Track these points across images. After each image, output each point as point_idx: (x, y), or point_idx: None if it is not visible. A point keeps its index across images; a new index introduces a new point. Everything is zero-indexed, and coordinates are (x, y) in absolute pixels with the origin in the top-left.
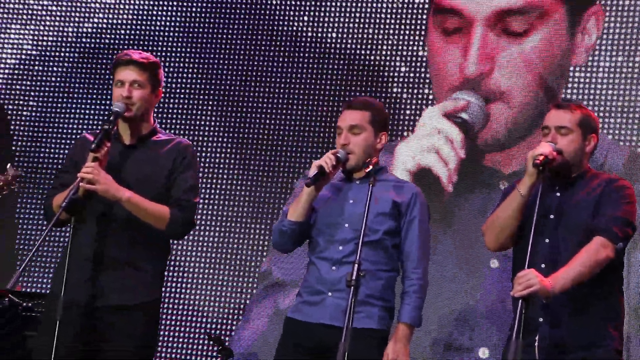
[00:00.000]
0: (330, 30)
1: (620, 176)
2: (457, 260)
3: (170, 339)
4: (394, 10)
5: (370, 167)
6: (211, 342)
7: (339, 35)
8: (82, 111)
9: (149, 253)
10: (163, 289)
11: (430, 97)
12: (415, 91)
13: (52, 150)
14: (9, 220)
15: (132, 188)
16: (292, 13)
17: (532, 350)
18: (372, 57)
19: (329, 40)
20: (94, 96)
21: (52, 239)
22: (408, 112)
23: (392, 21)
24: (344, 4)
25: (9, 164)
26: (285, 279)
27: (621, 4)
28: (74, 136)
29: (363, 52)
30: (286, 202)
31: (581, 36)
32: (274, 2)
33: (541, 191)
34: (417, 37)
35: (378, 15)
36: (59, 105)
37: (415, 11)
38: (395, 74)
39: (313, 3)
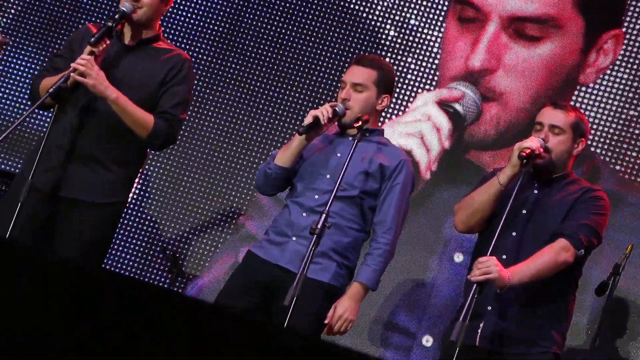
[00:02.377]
0: None
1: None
2: (421, 247)
3: (125, 245)
4: None
5: (360, 122)
6: (164, 259)
7: None
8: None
9: (123, 156)
10: (131, 194)
11: (413, 66)
12: (400, 58)
13: (42, 31)
14: None
15: (121, 88)
16: None
17: (474, 335)
18: (364, 15)
19: None
20: None
21: (33, 123)
22: None
23: None
24: None
25: None
26: (258, 235)
27: None
28: (70, 23)
29: (356, 7)
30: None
31: (595, 56)
32: None
33: (519, 185)
34: (411, 4)
35: None
36: None
37: None
38: (383, 37)
39: None
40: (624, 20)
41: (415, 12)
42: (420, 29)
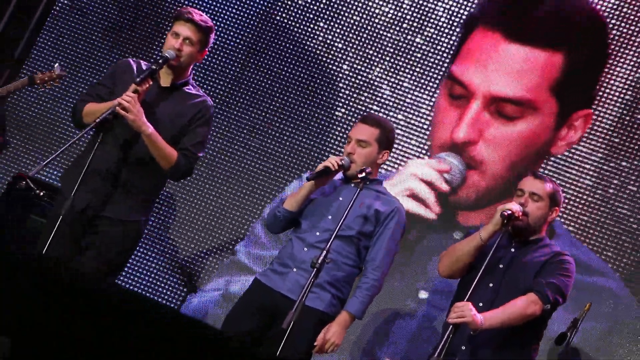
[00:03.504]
0: (334, 40)
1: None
2: (396, 285)
3: (142, 261)
4: (392, 38)
5: (364, 174)
6: (182, 276)
7: (344, 46)
8: (129, 41)
9: (148, 183)
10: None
11: (402, 122)
12: (392, 114)
13: (91, 61)
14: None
15: (154, 125)
16: (304, 15)
17: None
18: (362, 74)
19: (333, 51)
20: (141, 30)
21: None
22: None
23: (388, 47)
24: (354, 20)
25: (57, 64)
26: (248, 265)
27: (610, 112)
28: (113, 58)
29: (356, 67)
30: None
31: (566, 131)
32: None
33: (499, 243)
34: (404, 68)
35: (378, 38)
36: (107, 31)
37: (410, 48)
38: (379, 95)
39: (328, 14)
40: (594, 102)
41: (408, 76)
42: (411, 91)
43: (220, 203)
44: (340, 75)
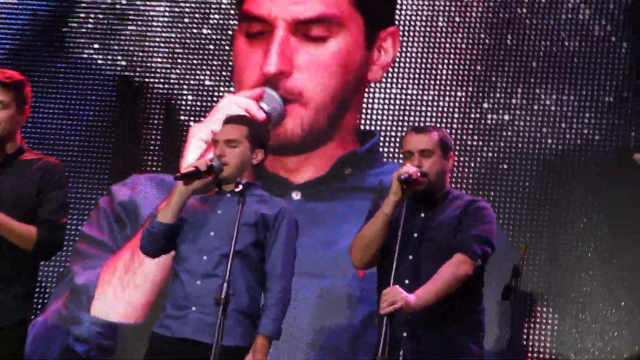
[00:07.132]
0: (120, 58)
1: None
2: None
3: None
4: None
5: (241, 186)
6: None
7: (130, 62)
8: None
9: (16, 272)
10: None
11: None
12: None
13: None
14: None
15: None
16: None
17: None
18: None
19: (118, 69)
20: None
21: None
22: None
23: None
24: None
25: None
26: (84, 284)
27: (413, 29)
28: None
29: (151, 80)
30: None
31: (377, 53)
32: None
33: (406, 212)
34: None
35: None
36: None
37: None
38: (182, 103)
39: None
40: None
41: (208, 73)
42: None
43: None
44: None
